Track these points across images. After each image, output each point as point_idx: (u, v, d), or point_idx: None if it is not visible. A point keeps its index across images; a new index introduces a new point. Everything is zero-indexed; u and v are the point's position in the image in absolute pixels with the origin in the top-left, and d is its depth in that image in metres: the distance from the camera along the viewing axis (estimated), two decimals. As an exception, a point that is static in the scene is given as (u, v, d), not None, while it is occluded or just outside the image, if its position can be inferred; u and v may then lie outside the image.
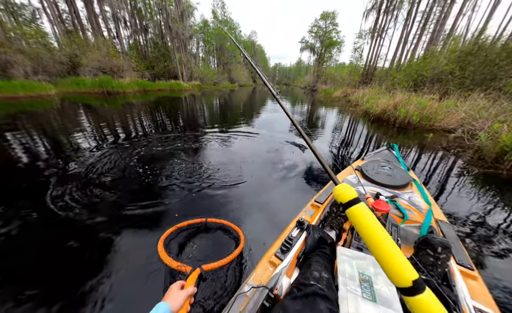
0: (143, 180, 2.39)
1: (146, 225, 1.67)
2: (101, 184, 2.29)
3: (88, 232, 1.61)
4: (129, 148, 3.43)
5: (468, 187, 2.60)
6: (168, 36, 21.13)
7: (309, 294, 0.57)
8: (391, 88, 9.91)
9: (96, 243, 1.50)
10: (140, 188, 2.24)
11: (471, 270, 0.83)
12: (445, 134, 5.10)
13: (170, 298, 0.62)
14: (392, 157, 2.06)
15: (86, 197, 2.03)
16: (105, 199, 2.01)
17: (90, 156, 3.02)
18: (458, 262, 0.85)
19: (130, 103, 9.64)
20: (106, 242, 1.49)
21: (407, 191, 1.39)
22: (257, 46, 60.11)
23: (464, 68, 8.19)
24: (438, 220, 1.13)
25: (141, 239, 1.52)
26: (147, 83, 16.54)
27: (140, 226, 1.66)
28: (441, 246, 0.74)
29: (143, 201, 1.98)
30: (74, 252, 1.43)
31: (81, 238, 1.54)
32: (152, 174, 2.55)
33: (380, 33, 18.93)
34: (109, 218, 1.75)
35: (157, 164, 2.82)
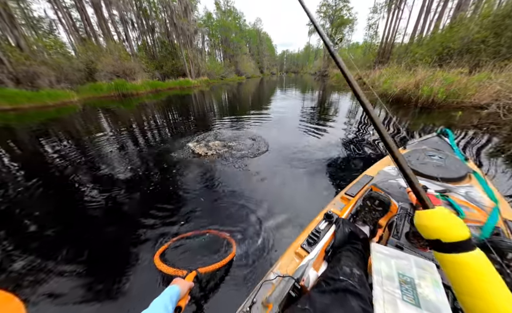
0: (156, 185, 2.50)
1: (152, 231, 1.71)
2: (117, 186, 2.44)
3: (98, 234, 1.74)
4: (143, 150, 3.60)
5: (507, 166, 2.36)
6: (174, 34, 21.23)
7: (339, 289, 0.55)
8: (411, 65, 9.09)
9: (104, 244, 1.62)
10: (149, 194, 2.35)
11: None
12: (476, 111, 4.62)
13: (178, 283, 0.69)
14: (444, 145, 1.76)
15: (97, 202, 2.18)
16: (125, 203, 2.16)
17: (109, 158, 3.22)
18: None
19: (143, 104, 10.01)
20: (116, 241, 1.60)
21: (463, 185, 1.20)
22: (262, 34, 58.15)
23: (500, 34, 7.21)
24: (508, 220, 0.96)
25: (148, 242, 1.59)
26: (158, 83, 16.96)
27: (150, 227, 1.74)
28: (477, 240, 0.65)
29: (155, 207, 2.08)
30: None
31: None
32: (166, 177, 2.66)
33: (397, 5, 17.20)
34: (128, 221, 1.88)
35: (172, 165, 2.93)
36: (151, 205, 1.98)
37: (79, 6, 15.82)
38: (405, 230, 0.82)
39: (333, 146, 3.25)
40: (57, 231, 1.77)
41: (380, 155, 2.84)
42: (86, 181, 2.53)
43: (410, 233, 0.79)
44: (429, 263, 0.61)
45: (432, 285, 0.54)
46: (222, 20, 36.04)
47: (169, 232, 1.66)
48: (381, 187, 1.17)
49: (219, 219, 1.75)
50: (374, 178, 1.34)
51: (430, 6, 15.64)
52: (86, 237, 1.69)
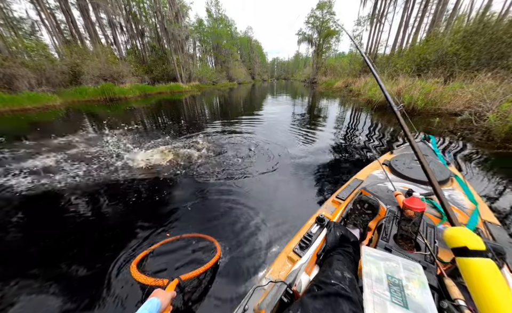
0: (143, 194, 2.45)
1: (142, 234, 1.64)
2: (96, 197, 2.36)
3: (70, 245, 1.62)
4: (129, 156, 3.51)
5: (480, 169, 2.57)
6: (165, 38, 21.10)
7: (331, 293, 0.55)
8: (393, 74, 9.71)
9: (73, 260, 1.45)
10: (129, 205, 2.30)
11: None
12: (451, 117, 5.01)
13: (158, 295, 0.65)
14: (427, 150, 1.85)
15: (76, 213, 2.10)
16: (110, 211, 2.09)
17: (91, 163, 3.11)
18: None
19: (132, 108, 9.75)
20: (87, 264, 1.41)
21: (446, 188, 1.26)
22: (253, 41, 59.41)
23: (469, 48, 7.94)
24: (487, 221, 1.00)
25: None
26: (147, 87, 16.64)
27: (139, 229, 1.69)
28: (494, 251, 0.65)
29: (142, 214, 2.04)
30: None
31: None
32: (153, 185, 2.61)
33: (379, 19, 18.46)
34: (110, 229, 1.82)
35: (162, 170, 2.89)
36: (135, 211, 1.94)
37: (64, 8, 15.33)
38: (393, 232, 0.83)
39: (323, 150, 3.36)
40: (15, 241, 1.65)
41: (368, 159, 2.96)
42: (58, 188, 2.42)
43: (398, 235, 0.81)
44: (415, 265, 0.63)
45: (419, 286, 0.56)
46: (214, 27, 36.45)
47: (148, 238, 1.56)
48: (370, 190, 1.20)
49: (206, 223, 1.73)
50: (364, 182, 1.37)
51: (408, 21, 16.95)
52: (53, 248, 1.55)
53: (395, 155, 1.75)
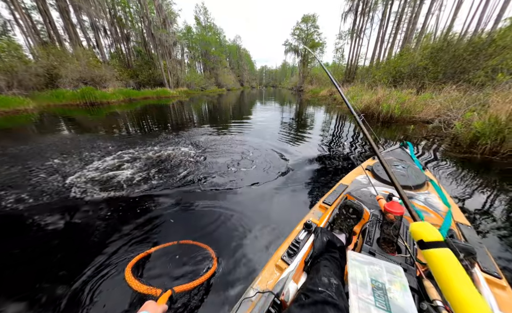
0: (129, 197, 2.35)
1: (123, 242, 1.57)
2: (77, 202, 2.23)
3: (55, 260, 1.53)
4: (112, 159, 3.35)
5: (449, 173, 2.82)
6: (152, 44, 20.77)
7: (318, 301, 0.55)
8: (372, 85, 10.44)
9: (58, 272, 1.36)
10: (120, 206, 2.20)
11: (498, 278, 0.76)
12: (424, 125, 5.47)
13: (149, 309, 0.63)
14: (405, 156, 1.94)
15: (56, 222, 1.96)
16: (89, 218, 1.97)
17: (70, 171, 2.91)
18: (484, 269, 0.79)
19: (115, 113, 9.34)
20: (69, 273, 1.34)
21: (422, 192, 1.31)
22: (242, 50, 60.62)
23: (437, 63, 8.84)
24: (459, 223, 1.05)
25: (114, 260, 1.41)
26: (132, 92, 16.10)
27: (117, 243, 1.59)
28: (465, 252, 0.69)
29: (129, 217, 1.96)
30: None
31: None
32: (137, 187, 2.51)
33: (358, 34, 19.90)
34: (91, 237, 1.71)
35: (145, 174, 2.79)
36: (129, 212, 1.84)
37: (42, 8, 14.53)
38: (376, 236, 0.85)
39: (311, 155, 3.46)
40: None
41: (353, 164, 3.09)
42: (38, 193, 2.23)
43: (381, 239, 0.82)
44: (397, 267, 0.64)
45: (400, 289, 0.57)
46: (202, 34, 36.71)
47: (133, 247, 1.50)
48: (354, 195, 1.23)
49: (193, 234, 1.67)
50: (349, 187, 1.40)
51: (384, 37, 18.50)
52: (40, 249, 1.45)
53: (377, 160, 1.80)
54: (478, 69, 7.20)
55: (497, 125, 3.24)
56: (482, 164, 3.06)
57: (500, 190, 2.31)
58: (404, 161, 1.72)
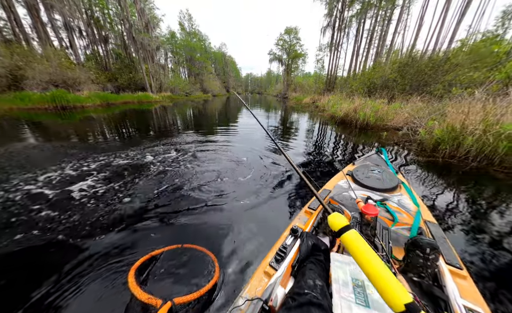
0: (109, 203, 2.23)
1: (115, 252, 1.51)
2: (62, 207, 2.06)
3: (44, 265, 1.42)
4: (87, 165, 3.14)
5: (417, 175, 3.14)
6: (133, 47, 20.03)
7: (304, 303, 0.57)
8: (350, 94, 11.25)
9: (54, 276, 1.31)
10: (106, 213, 2.09)
11: (460, 269, 0.84)
12: (395, 132, 6.02)
13: None
14: (381, 161, 2.08)
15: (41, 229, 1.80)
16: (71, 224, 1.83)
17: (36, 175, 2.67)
18: (447, 262, 0.86)
19: (90, 117, 8.74)
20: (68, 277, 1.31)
21: (396, 194, 1.40)
22: (227, 57, 61.21)
23: (404, 76, 9.87)
24: (427, 221, 1.14)
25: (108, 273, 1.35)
26: (110, 96, 15.22)
27: (108, 255, 1.50)
28: (430, 247, 0.75)
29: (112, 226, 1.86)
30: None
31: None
32: (119, 194, 2.40)
33: (336, 47, 21.43)
34: (71, 246, 1.60)
35: (126, 181, 2.66)
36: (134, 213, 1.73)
37: (6, 4, 13.27)
38: None
39: (297, 162, 3.58)
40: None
41: (336, 169, 3.24)
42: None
43: None
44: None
45: None
46: (187, 40, 36.41)
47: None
48: (336, 199, 1.29)
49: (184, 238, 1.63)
50: (331, 192, 1.45)
51: (358, 51, 20.17)
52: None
53: (356, 166, 1.92)
54: (437, 83, 8.20)
55: (454, 132, 3.72)
56: (444, 166, 3.46)
57: (458, 190, 2.64)
58: (379, 166, 1.84)
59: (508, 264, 1.45)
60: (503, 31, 18.70)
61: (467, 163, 3.40)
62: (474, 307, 0.66)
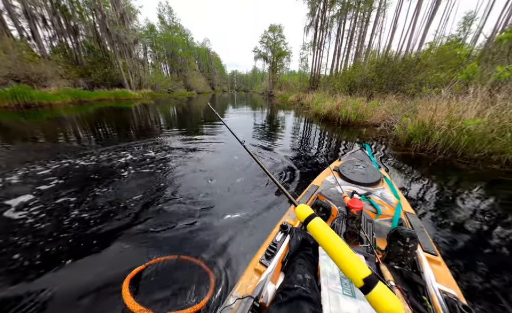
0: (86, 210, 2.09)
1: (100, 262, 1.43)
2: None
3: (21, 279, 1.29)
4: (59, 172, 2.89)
5: (394, 167, 3.40)
6: (107, 40, 18.57)
7: (293, 298, 0.57)
8: (333, 92, 11.70)
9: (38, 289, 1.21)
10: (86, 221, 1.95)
11: (435, 255, 0.90)
12: (374, 128, 6.42)
13: None
14: (365, 157, 2.18)
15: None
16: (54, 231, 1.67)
17: (14, 187, 2.39)
18: (425, 249, 0.91)
19: (60, 116, 7.98)
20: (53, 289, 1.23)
21: (379, 187, 1.46)
22: (212, 53, 59.72)
23: (381, 75, 10.51)
24: (406, 212, 1.20)
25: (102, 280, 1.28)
26: (83, 92, 14.00)
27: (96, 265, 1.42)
28: (409, 237, 0.79)
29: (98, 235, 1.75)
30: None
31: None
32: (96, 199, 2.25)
33: (319, 46, 22.05)
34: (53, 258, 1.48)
35: (104, 188, 2.50)
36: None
37: None
38: (343, 230, 0.91)
39: (285, 158, 3.61)
40: None
41: (323, 164, 3.33)
42: None
43: (347, 232, 0.89)
44: (360, 257, 0.70)
45: None
46: (168, 34, 34.73)
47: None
48: (324, 194, 1.32)
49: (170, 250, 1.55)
50: (319, 187, 1.49)
51: (340, 51, 20.97)
52: None
53: (342, 161, 1.98)
54: (409, 82, 8.88)
55: (424, 128, 4.07)
56: (415, 159, 3.78)
57: (428, 180, 2.91)
58: (363, 161, 1.92)
59: (471, 245, 1.65)
60: (464, 35, 20.82)
61: (435, 156, 3.75)
62: (448, 290, 0.71)
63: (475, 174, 3.05)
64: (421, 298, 0.69)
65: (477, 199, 2.37)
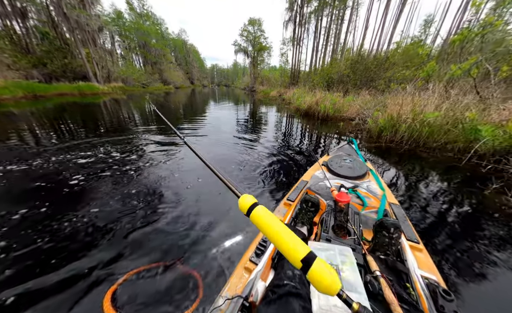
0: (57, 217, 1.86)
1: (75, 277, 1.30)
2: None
3: None
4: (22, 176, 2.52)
5: (369, 159, 3.64)
6: (65, 26, 16.34)
7: (282, 295, 0.57)
8: (312, 88, 12.07)
9: None
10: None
11: (417, 243, 0.94)
12: (350, 122, 6.81)
13: None
14: (352, 151, 2.24)
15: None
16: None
17: None
18: (408, 238, 0.95)
19: (9, 113, 6.89)
20: None
21: (365, 180, 1.50)
22: (189, 45, 56.77)
23: (355, 72, 11.14)
24: (391, 203, 1.24)
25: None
26: (38, 86, 12.24)
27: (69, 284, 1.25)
28: (393, 227, 0.81)
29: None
30: None
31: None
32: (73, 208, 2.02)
33: (298, 42, 22.44)
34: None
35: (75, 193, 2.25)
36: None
37: None
38: (331, 224, 0.92)
39: (272, 155, 3.59)
40: None
41: (312, 160, 3.34)
42: None
43: (335, 225, 0.91)
44: (347, 249, 0.71)
45: (350, 267, 0.63)
46: (138, 22, 31.90)
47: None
48: (313, 189, 1.33)
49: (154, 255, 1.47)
50: (309, 182, 1.49)
51: (317, 47, 21.62)
52: None
53: (330, 156, 2.00)
54: (380, 79, 9.58)
55: (392, 121, 4.44)
56: (385, 150, 4.12)
57: (396, 169, 3.20)
58: (351, 155, 1.97)
59: (431, 224, 1.86)
60: (425, 36, 23.07)
61: (402, 146, 4.14)
62: (429, 276, 0.75)
63: (434, 162, 3.45)
64: (405, 285, 0.71)
65: (437, 183, 2.69)
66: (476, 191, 2.46)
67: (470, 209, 2.13)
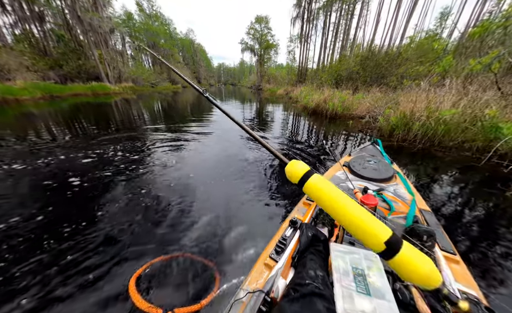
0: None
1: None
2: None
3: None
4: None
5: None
6: (79, 28, 16.98)
7: (306, 294, 0.57)
8: (320, 86, 11.85)
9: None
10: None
11: (453, 254, 0.87)
12: (359, 120, 6.64)
13: None
14: (376, 152, 2.15)
15: None
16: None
17: None
18: (442, 248, 0.89)
19: (29, 113, 7.27)
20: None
21: (392, 184, 1.43)
22: (196, 45, 57.34)
23: (365, 69, 10.81)
24: (421, 209, 1.18)
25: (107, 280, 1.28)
26: (54, 87, 12.83)
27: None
28: (427, 234, 0.77)
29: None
30: None
31: None
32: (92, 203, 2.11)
33: (306, 39, 22.06)
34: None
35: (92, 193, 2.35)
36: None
37: None
38: None
39: (282, 152, 3.57)
40: None
41: (331, 159, 3.28)
42: None
43: None
44: (373, 254, 0.67)
45: (377, 273, 0.60)
46: (147, 23, 32.58)
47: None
48: None
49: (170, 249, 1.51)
50: None
51: (326, 44, 21.16)
52: None
53: (352, 157, 1.95)
54: (392, 75, 9.24)
55: (405, 119, 4.28)
56: (398, 149, 3.98)
57: (408, 168, 3.08)
58: (375, 156, 1.89)
59: (448, 226, 1.78)
60: (440, 30, 21.98)
61: (415, 145, 3.98)
62: (468, 290, 0.70)
63: (450, 161, 3.30)
64: (439, 298, 0.69)
65: (453, 183, 2.57)
66: (496, 193, 2.33)
67: (492, 210, 2.02)
